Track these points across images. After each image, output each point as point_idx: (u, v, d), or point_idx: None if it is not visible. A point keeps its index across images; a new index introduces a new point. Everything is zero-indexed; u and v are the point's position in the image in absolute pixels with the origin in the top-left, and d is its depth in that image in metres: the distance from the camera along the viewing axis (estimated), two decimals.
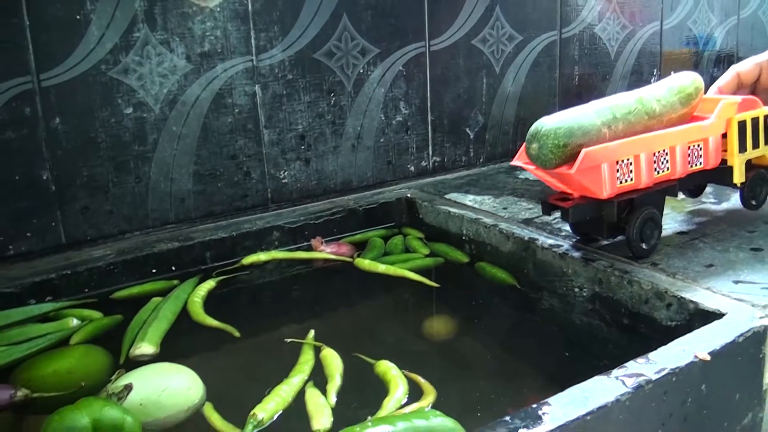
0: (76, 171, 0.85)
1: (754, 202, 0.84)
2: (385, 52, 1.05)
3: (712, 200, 0.93)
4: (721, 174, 0.80)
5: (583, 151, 0.67)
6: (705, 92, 0.84)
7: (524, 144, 0.71)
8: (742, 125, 0.79)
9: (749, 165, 0.81)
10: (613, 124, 0.71)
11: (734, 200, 0.92)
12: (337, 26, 0.99)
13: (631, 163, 0.71)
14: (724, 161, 0.80)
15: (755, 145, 0.80)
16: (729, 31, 1.52)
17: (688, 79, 0.79)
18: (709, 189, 0.97)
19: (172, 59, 0.88)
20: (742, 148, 0.79)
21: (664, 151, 0.73)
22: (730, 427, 0.58)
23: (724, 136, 0.79)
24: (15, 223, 0.83)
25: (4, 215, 0.82)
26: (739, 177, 0.80)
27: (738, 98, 0.79)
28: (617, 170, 0.70)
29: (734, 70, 0.86)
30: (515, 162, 0.73)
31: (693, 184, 0.81)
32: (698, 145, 0.76)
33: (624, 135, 0.72)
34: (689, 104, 0.78)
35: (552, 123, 0.69)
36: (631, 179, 0.71)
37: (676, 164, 0.74)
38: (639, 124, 0.73)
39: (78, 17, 0.82)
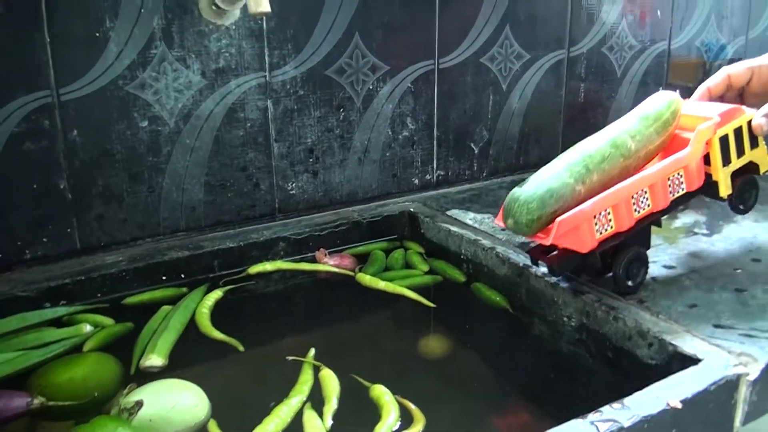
0: (92, 181, 0.89)
1: (742, 207, 0.84)
2: (394, 69, 1.08)
3: (705, 231, 0.96)
4: (706, 189, 0.79)
5: (557, 221, 0.69)
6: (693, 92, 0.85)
7: (502, 208, 0.73)
8: (724, 140, 0.78)
9: (737, 172, 0.80)
10: (587, 178, 0.72)
11: (726, 233, 0.95)
12: (348, 44, 1.02)
13: (609, 213, 0.72)
14: (708, 175, 0.79)
15: (740, 154, 0.80)
16: (737, 50, 1.54)
17: (664, 104, 0.78)
18: (702, 218, 1.00)
19: (187, 75, 0.91)
20: (726, 162, 0.79)
21: (642, 191, 0.74)
22: None
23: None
24: (32, 229, 0.87)
25: (22, 222, 0.86)
26: (725, 190, 0.79)
27: (716, 117, 0.77)
28: (595, 223, 0.71)
29: (725, 71, 0.86)
30: (497, 223, 0.75)
31: (678, 207, 0.80)
32: (678, 174, 0.76)
33: (600, 184, 0.72)
34: (666, 131, 0.77)
35: (524, 197, 0.70)
36: (612, 227, 0.72)
37: (657, 199, 0.75)
38: (615, 169, 0.73)
39: (97, 35, 0.85)
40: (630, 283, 0.76)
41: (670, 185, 0.76)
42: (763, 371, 0.62)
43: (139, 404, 0.62)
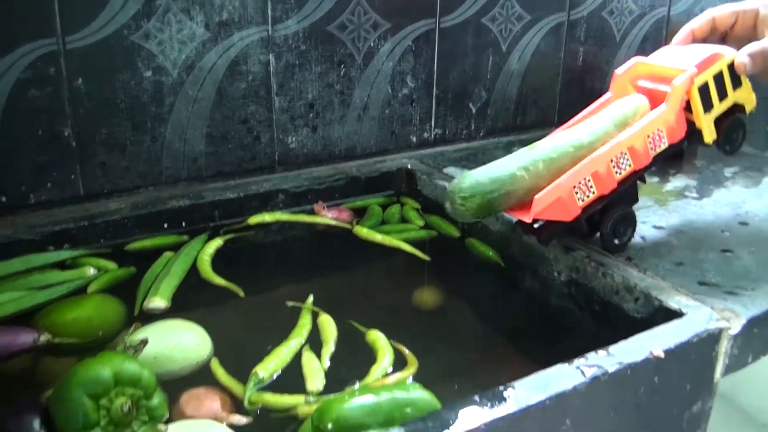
0: (96, 129, 0.90)
1: (728, 148, 0.82)
2: (396, 27, 1.09)
3: (695, 195, 0.98)
4: (690, 137, 0.79)
5: (535, 199, 0.70)
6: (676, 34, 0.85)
7: None
8: (703, 89, 0.77)
9: (721, 116, 0.79)
10: (531, 165, 0.72)
11: (715, 197, 0.97)
12: (351, 0, 1.03)
13: (589, 181, 0.72)
14: (692, 123, 0.78)
15: (722, 98, 0.78)
16: None
17: (630, 108, 0.77)
18: (693, 183, 1.03)
19: (191, 27, 0.92)
20: (708, 108, 0.77)
21: (622, 153, 0.74)
22: (679, 414, 0.64)
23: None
24: (37, 175, 0.88)
25: (27, 167, 0.87)
26: (709, 136, 0.79)
27: (693, 68, 0.76)
28: (576, 192, 0.72)
29: (710, 14, 0.84)
30: None
31: (662, 159, 0.78)
32: (658, 130, 0.76)
33: (549, 172, 0.72)
34: (626, 126, 0.76)
35: (459, 181, 0.73)
36: (594, 192, 0.73)
37: (638, 159, 0.75)
38: (564, 158, 0.73)
39: None
40: (617, 241, 0.78)
41: (650, 142, 0.76)
42: (744, 326, 0.65)
43: (144, 342, 0.65)
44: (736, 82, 0.80)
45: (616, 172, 0.74)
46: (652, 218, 0.88)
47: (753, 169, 1.10)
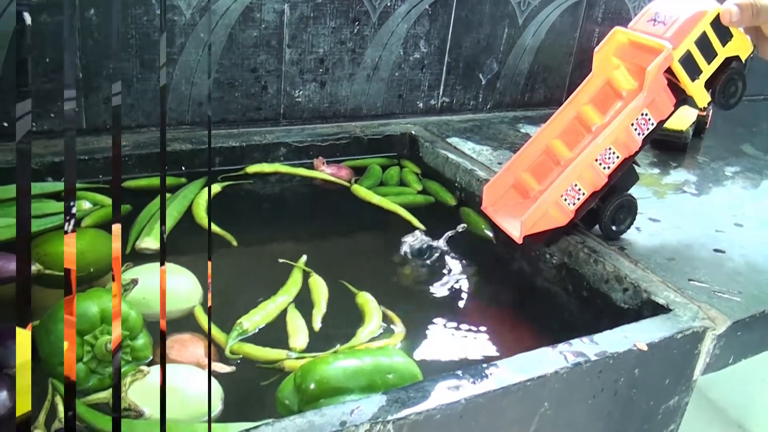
0: (104, 63, 0.89)
1: (726, 102, 0.76)
2: None
3: (694, 191, 0.98)
4: (683, 102, 0.76)
5: (521, 221, 0.71)
6: None
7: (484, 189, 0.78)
8: (686, 59, 0.72)
9: (716, 71, 0.74)
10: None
11: (713, 195, 0.97)
12: None
13: (576, 185, 0.72)
14: (682, 91, 0.75)
15: (711, 59, 0.73)
16: None
17: None
18: (693, 178, 1.03)
19: None
20: (696, 75, 0.73)
21: (606, 150, 0.73)
22: (655, 406, 0.65)
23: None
24: (41, 102, 0.88)
25: (32, 93, 0.86)
26: (702, 101, 0.74)
27: (667, 45, 0.71)
28: (565, 199, 0.72)
29: None
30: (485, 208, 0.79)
31: (655, 135, 0.76)
32: (643, 115, 0.73)
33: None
34: None
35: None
36: (584, 193, 0.73)
37: (626, 148, 0.74)
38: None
39: None
40: (614, 228, 0.78)
41: (636, 128, 0.73)
42: (728, 328, 0.65)
43: (135, 282, 0.65)
44: (725, 36, 0.73)
45: (605, 168, 0.74)
46: (649, 210, 0.89)
47: (754, 170, 1.10)
